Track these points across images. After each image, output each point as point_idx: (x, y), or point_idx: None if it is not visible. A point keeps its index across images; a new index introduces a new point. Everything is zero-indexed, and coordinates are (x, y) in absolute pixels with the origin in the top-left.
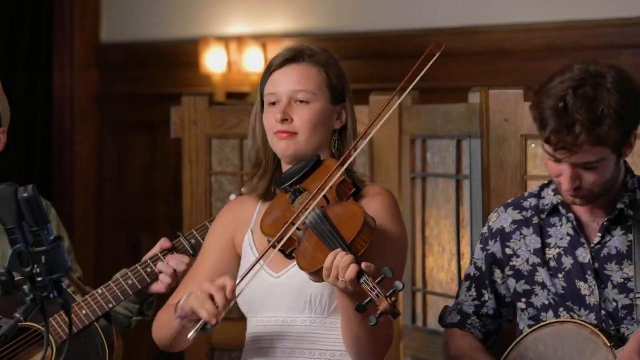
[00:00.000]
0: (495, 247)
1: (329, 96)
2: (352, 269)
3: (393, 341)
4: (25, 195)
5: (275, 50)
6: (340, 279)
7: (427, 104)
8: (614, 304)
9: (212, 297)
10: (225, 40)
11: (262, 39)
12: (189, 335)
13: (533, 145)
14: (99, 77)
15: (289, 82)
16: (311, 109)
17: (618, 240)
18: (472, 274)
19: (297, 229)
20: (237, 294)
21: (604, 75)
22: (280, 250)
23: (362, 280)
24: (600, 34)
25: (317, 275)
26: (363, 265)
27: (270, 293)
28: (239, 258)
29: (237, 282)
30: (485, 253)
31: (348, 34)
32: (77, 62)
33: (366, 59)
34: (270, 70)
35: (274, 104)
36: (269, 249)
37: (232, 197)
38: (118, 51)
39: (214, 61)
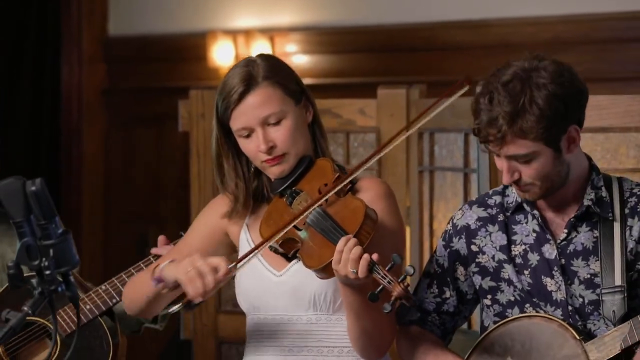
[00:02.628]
0: (459, 244)
1: (292, 102)
2: (364, 261)
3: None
4: (33, 188)
5: (283, 43)
6: (351, 269)
7: (434, 97)
8: (580, 299)
9: (201, 276)
10: (233, 33)
11: (270, 32)
12: (171, 309)
13: None
14: (106, 71)
15: (254, 111)
16: (286, 125)
17: (584, 237)
18: (432, 271)
19: (297, 228)
20: (230, 275)
21: (538, 70)
22: (282, 253)
23: (372, 270)
24: (607, 27)
25: (324, 271)
26: (373, 255)
27: (272, 291)
28: (230, 246)
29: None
30: (448, 250)
31: (356, 27)
32: (84, 55)
33: (374, 52)
34: (229, 108)
35: (247, 136)
36: (264, 245)
37: None
38: (126, 45)
39: (221, 54)
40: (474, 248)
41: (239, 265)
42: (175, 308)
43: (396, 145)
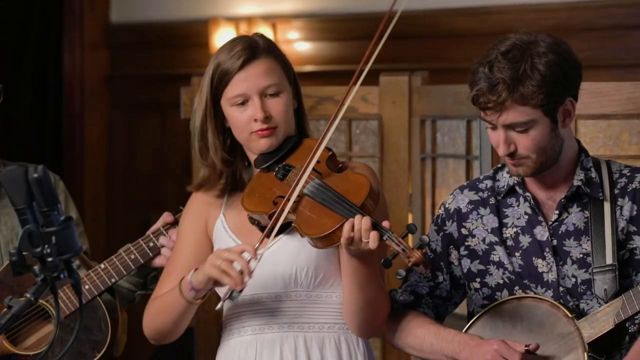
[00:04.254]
0: (452, 228)
1: (287, 81)
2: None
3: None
4: (35, 175)
5: (285, 30)
6: (365, 240)
7: (437, 84)
8: (573, 279)
9: (232, 264)
10: (235, 20)
11: (272, 20)
12: (217, 307)
13: None
14: (108, 58)
15: (255, 79)
16: (283, 99)
17: (575, 217)
18: None
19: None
20: (258, 256)
21: (536, 42)
22: (260, 227)
23: (385, 238)
24: (611, 14)
25: (324, 240)
26: (384, 223)
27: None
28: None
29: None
30: (441, 234)
31: (358, 14)
32: (86, 42)
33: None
34: (229, 74)
35: (242, 104)
36: (275, 221)
37: None
38: (128, 31)
39: (223, 41)
40: (463, 231)
41: (272, 236)
42: (220, 304)
43: (398, 132)
